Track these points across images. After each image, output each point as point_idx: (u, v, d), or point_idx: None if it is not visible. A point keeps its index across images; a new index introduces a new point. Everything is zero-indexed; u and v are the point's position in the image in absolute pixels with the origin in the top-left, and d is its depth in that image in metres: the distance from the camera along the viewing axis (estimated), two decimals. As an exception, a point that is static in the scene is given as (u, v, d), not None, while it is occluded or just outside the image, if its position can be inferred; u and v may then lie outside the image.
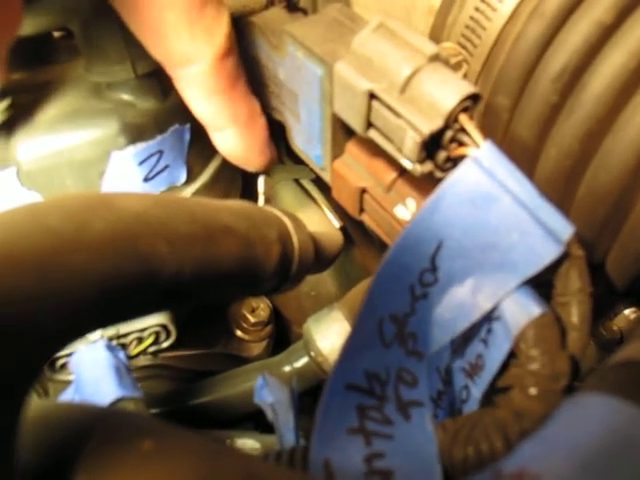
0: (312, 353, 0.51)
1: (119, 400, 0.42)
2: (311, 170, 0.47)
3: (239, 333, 0.66)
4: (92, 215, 0.22)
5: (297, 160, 0.49)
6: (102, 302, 0.22)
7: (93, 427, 0.23)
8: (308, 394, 0.52)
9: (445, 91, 0.31)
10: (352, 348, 0.30)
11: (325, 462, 0.27)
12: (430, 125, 0.31)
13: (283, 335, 0.74)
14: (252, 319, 0.65)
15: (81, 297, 0.21)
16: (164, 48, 0.36)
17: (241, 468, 0.20)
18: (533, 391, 0.30)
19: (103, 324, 0.24)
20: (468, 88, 0.31)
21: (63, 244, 0.20)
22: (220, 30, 0.36)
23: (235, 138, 0.41)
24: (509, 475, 0.20)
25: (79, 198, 0.23)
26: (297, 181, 0.65)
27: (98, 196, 0.24)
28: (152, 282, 0.24)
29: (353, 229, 0.66)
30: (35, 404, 0.23)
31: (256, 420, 0.55)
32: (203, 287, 0.28)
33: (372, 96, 0.33)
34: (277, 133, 0.51)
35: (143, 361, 0.55)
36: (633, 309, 0.59)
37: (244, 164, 0.44)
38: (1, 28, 0.28)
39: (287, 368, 0.53)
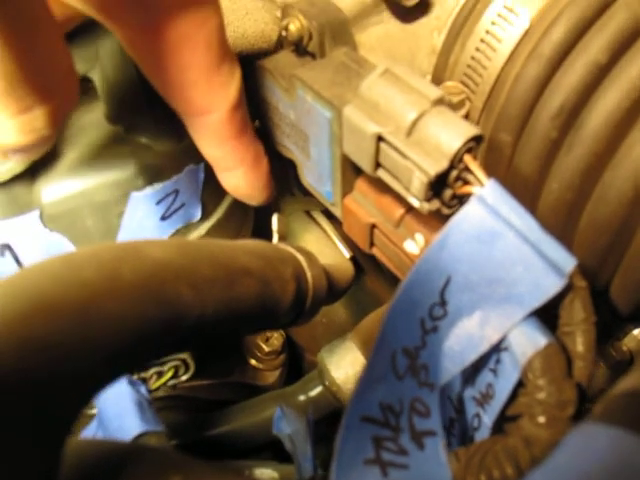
0: (326, 382, 0.52)
1: (143, 434, 0.43)
2: (321, 202, 0.49)
3: (253, 362, 0.67)
4: (122, 265, 0.24)
5: (307, 192, 0.51)
6: (133, 346, 0.23)
7: (124, 463, 0.25)
8: (323, 421, 0.53)
9: (450, 134, 0.33)
10: (367, 381, 0.31)
11: (344, 492, 0.28)
12: (436, 167, 0.32)
13: (296, 362, 0.75)
14: (266, 348, 0.67)
15: (115, 342, 0.22)
16: (183, 101, 0.38)
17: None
18: (541, 419, 0.31)
19: (134, 366, 0.25)
20: (472, 130, 0.33)
21: (97, 294, 0.22)
22: (234, 84, 0.38)
23: (242, 178, 0.44)
24: (519, 503, 0.21)
25: (109, 249, 0.24)
26: (308, 213, 0.66)
27: (126, 246, 0.25)
28: (178, 325, 0.26)
29: (363, 258, 0.68)
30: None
31: (273, 449, 0.55)
32: (224, 326, 0.30)
33: (380, 139, 0.34)
34: (288, 167, 0.53)
35: (161, 392, 0.57)
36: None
37: (248, 199, 0.47)
38: (66, 107, 0.31)
39: (302, 397, 0.54)
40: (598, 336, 0.53)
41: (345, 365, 0.51)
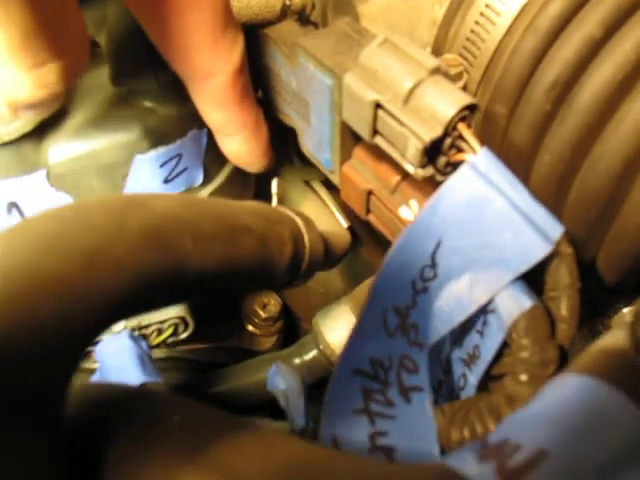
0: (321, 346, 0.54)
1: (143, 385, 0.45)
2: (320, 172, 0.50)
3: (251, 328, 0.69)
4: (129, 214, 0.25)
5: (306, 162, 0.52)
6: (136, 291, 0.25)
7: (127, 402, 0.26)
8: (317, 386, 0.55)
9: (445, 102, 0.34)
10: (358, 336, 0.33)
11: (333, 438, 0.30)
12: (431, 133, 0.33)
13: (292, 330, 0.77)
14: (263, 314, 0.68)
15: (120, 286, 0.23)
16: (187, 64, 0.39)
17: (263, 436, 0.23)
18: (524, 377, 0.32)
19: (136, 311, 0.27)
20: (466, 99, 0.34)
21: (105, 238, 0.23)
22: (237, 49, 0.39)
23: (243, 143, 0.45)
24: (493, 445, 0.23)
25: (117, 198, 0.26)
26: (307, 182, 0.68)
27: (133, 197, 0.27)
28: (179, 275, 0.27)
29: (360, 228, 0.69)
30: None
31: (269, 410, 0.57)
32: (223, 281, 0.31)
33: (378, 106, 0.36)
34: (288, 136, 0.54)
35: (159, 353, 0.58)
36: (633, 306, 0.61)
37: (248, 166, 0.48)
38: (78, 65, 0.32)
39: (297, 360, 0.56)
40: (589, 314, 0.55)
41: (339, 329, 0.53)
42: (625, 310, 0.63)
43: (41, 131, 0.45)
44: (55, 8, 0.30)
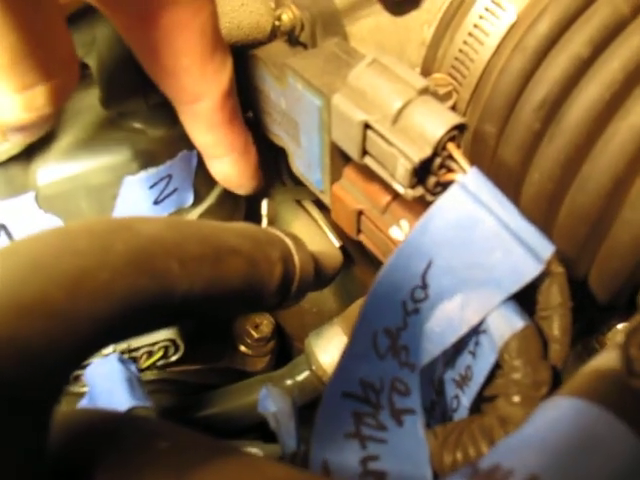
0: (313, 367, 0.54)
1: (132, 409, 0.44)
2: (311, 191, 0.50)
3: (243, 348, 0.68)
4: (114, 237, 0.25)
5: (298, 181, 0.52)
6: (123, 316, 0.24)
7: (113, 429, 0.26)
8: (308, 407, 0.54)
9: (433, 122, 0.34)
10: (348, 358, 0.32)
11: (323, 463, 0.29)
12: (420, 153, 0.33)
13: (285, 351, 0.76)
14: (255, 335, 0.68)
15: (106, 311, 0.23)
16: (175, 87, 0.39)
17: (250, 462, 0.22)
18: (516, 399, 0.32)
19: (123, 337, 0.26)
20: (455, 119, 0.34)
21: (90, 264, 0.23)
22: (226, 71, 0.39)
23: (231, 165, 0.45)
24: (485, 470, 0.22)
25: (102, 222, 0.25)
26: (298, 201, 0.67)
27: (118, 220, 0.27)
28: (166, 299, 0.27)
29: (352, 248, 0.69)
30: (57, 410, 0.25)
31: (260, 432, 0.57)
32: (211, 304, 0.31)
33: (367, 126, 0.36)
34: (279, 156, 0.54)
35: (150, 375, 0.58)
36: (626, 324, 0.61)
37: (236, 188, 0.48)
38: (67, 87, 0.32)
39: (289, 381, 0.55)
40: (583, 331, 0.54)
41: (332, 349, 0.52)
42: (619, 327, 0.63)
43: (30, 153, 0.45)
44: (44, 30, 0.30)
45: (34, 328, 0.21)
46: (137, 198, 0.47)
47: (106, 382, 0.47)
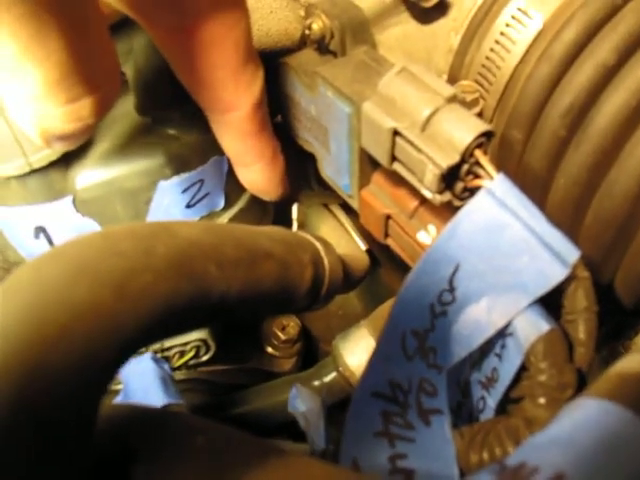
0: (340, 368, 0.54)
1: (166, 406, 0.46)
2: (339, 195, 0.51)
3: (270, 350, 0.69)
4: (156, 240, 0.26)
5: (326, 187, 0.53)
6: (163, 317, 0.26)
7: (153, 424, 0.27)
8: (336, 407, 0.55)
9: (461, 129, 0.34)
10: (378, 360, 0.33)
11: (353, 461, 0.30)
12: (448, 160, 0.34)
13: (311, 352, 0.77)
14: (282, 336, 0.69)
15: (149, 311, 0.24)
16: (209, 98, 0.40)
17: (287, 458, 0.23)
18: (542, 400, 0.33)
19: (162, 337, 0.27)
20: (482, 126, 0.34)
21: (134, 265, 0.24)
22: (258, 83, 0.41)
23: (259, 173, 0.46)
24: (511, 468, 0.23)
25: (144, 226, 0.27)
26: (326, 206, 0.68)
27: (159, 224, 0.28)
28: (203, 300, 0.28)
29: (379, 251, 0.69)
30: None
31: (288, 432, 0.58)
32: (246, 305, 0.32)
33: (396, 133, 0.36)
34: (307, 162, 0.55)
35: (181, 375, 0.59)
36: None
37: (264, 195, 0.49)
38: (110, 98, 0.34)
39: (317, 382, 0.56)
40: (609, 336, 0.54)
41: (359, 352, 0.53)
42: (645, 332, 0.62)
43: (68, 158, 0.47)
44: (91, 44, 0.31)
45: (87, 327, 0.22)
46: (170, 202, 0.49)
47: (140, 380, 0.48)
